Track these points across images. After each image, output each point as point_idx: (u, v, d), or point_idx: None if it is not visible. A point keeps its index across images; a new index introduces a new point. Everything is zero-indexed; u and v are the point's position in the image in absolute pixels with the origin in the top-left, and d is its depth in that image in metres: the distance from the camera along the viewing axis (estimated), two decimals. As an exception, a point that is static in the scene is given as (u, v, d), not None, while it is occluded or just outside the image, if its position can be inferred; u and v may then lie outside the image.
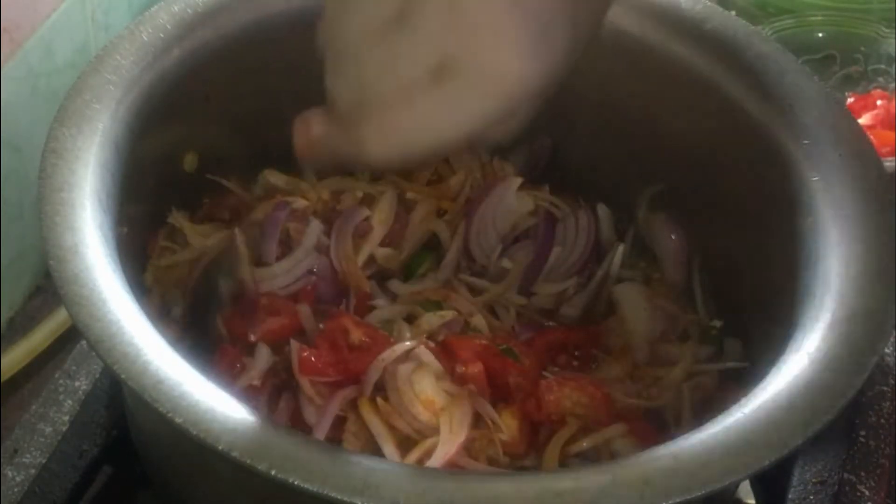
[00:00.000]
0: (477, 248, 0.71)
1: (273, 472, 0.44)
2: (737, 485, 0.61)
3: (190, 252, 0.68)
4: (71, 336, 0.77)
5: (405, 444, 0.57)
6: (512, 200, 0.72)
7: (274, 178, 0.72)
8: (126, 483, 0.68)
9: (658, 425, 0.62)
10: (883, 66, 0.96)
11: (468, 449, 0.58)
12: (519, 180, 0.73)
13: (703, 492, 0.45)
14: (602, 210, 0.74)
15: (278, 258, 0.67)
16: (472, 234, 0.71)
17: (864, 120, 0.89)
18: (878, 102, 0.92)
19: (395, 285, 0.69)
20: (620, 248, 0.72)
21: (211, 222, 0.70)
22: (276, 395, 0.61)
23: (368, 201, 0.71)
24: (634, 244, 0.74)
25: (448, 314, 0.65)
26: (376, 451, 0.57)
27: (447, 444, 0.56)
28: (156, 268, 0.67)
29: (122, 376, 0.47)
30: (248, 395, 0.59)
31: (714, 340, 0.68)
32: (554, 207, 0.73)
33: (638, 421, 0.61)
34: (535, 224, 0.72)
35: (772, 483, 0.64)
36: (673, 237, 0.72)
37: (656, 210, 0.73)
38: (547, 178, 0.76)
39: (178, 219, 0.68)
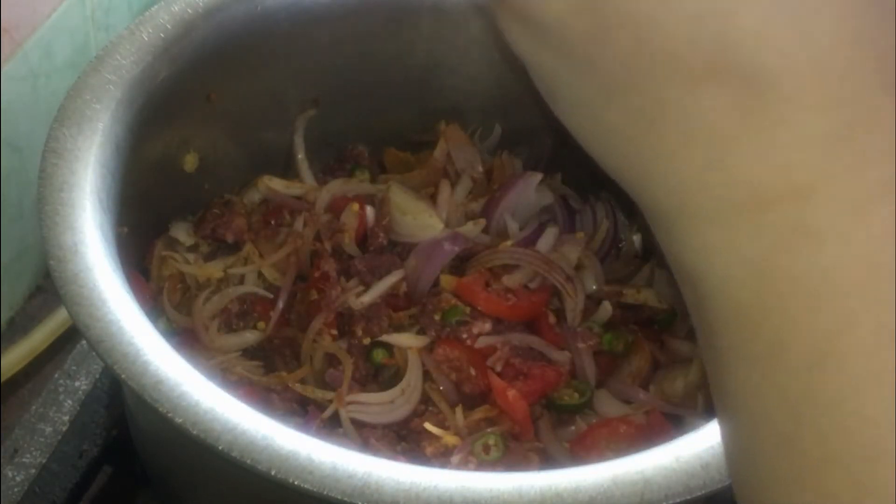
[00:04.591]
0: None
1: (273, 472, 0.44)
2: (737, 485, 0.61)
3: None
4: (71, 336, 0.77)
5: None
6: (532, 195, 0.72)
7: (273, 183, 0.72)
8: (126, 483, 0.68)
9: (674, 422, 0.62)
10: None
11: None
12: (539, 175, 0.73)
13: (703, 492, 0.45)
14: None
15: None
16: (494, 230, 0.71)
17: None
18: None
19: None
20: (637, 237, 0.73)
21: (214, 241, 0.70)
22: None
23: (369, 201, 0.71)
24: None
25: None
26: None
27: None
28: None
29: (122, 376, 0.47)
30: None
31: None
32: (570, 196, 0.74)
33: (654, 413, 0.62)
34: (549, 218, 0.73)
35: (772, 483, 0.64)
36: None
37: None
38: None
39: (182, 258, 0.68)
